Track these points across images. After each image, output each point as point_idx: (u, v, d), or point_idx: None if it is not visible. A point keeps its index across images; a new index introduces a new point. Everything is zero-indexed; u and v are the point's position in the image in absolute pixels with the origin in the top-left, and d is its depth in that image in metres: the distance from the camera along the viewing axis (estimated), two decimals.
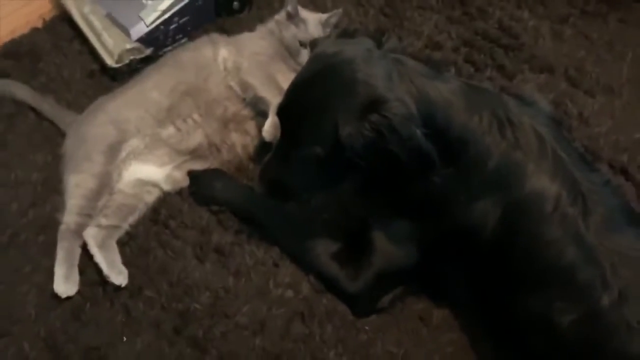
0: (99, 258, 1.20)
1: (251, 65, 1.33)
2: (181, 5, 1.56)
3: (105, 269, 1.19)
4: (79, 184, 1.25)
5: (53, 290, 1.19)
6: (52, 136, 1.43)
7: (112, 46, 1.53)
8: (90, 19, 1.59)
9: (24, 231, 1.29)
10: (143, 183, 1.31)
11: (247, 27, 1.61)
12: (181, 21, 1.58)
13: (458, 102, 0.99)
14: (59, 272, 1.20)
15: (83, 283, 1.21)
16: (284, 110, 1.03)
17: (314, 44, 1.12)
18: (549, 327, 0.94)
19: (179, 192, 1.34)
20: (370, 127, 0.92)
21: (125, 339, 1.16)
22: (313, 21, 1.42)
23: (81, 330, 1.17)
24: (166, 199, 1.33)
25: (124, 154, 1.29)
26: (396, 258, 1.11)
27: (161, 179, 1.32)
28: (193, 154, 1.34)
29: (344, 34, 1.09)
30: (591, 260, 0.92)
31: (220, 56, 1.37)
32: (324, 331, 1.15)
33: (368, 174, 1.00)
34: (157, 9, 1.54)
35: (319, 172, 1.03)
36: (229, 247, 1.26)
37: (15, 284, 1.22)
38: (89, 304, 1.20)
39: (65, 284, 1.19)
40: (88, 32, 1.59)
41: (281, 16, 1.44)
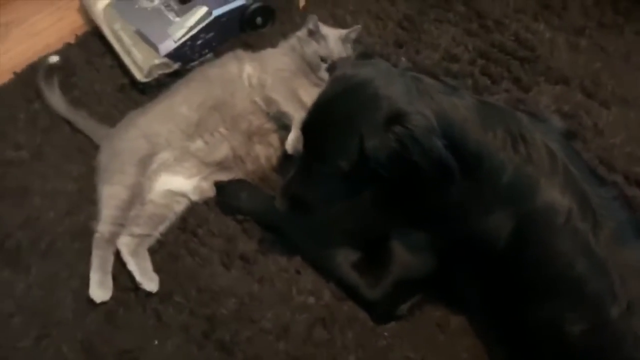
0: (131, 265, 1.26)
1: (275, 82, 1.38)
2: (207, 21, 1.61)
3: (138, 276, 1.25)
4: (112, 195, 1.30)
5: (88, 295, 1.24)
6: (86, 148, 1.49)
7: (141, 61, 1.59)
8: (120, 35, 1.64)
9: (60, 239, 1.35)
10: (172, 194, 1.36)
11: (270, 41, 1.66)
12: (207, 37, 1.64)
13: (474, 118, 1.02)
14: (94, 278, 1.25)
15: (116, 288, 1.26)
16: (307, 128, 1.07)
17: (332, 67, 1.15)
18: (559, 337, 0.97)
19: (206, 202, 1.39)
20: (394, 138, 0.95)
21: (156, 342, 1.21)
22: (333, 37, 1.47)
23: (115, 333, 1.22)
24: (194, 208, 1.38)
25: (154, 166, 1.34)
26: (414, 267, 1.14)
27: (189, 190, 1.38)
28: (219, 165, 1.39)
29: (361, 56, 1.13)
30: (600, 272, 0.95)
31: (245, 72, 1.42)
32: (345, 337, 1.19)
33: (390, 185, 1.03)
34: (184, 25, 1.60)
35: (342, 187, 1.07)
36: (253, 254, 1.30)
37: (53, 289, 1.28)
38: (122, 308, 1.25)
39: (100, 289, 1.24)
40: (118, 47, 1.65)
41: (302, 33, 1.49)
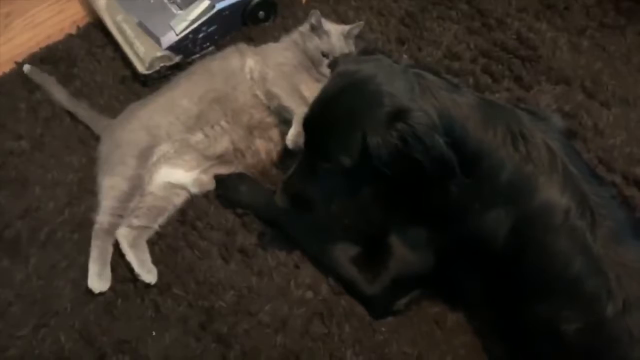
0: (130, 257, 1.27)
1: (276, 76, 1.39)
2: (209, 15, 1.61)
3: (136, 267, 1.26)
4: (112, 186, 1.31)
5: (87, 285, 1.25)
6: (86, 139, 1.50)
7: (143, 53, 1.59)
8: (122, 27, 1.64)
9: (60, 229, 1.36)
10: (172, 186, 1.37)
11: (272, 35, 1.67)
12: (209, 30, 1.64)
13: (475, 116, 1.02)
14: (93, 269, 1.26)
15: (115, 279, 1.27)
16: (309, 124, 1.07)
17: (334, 63, 1.16)
18: (556, 334, 0.98)
19: (206, 195, 1.40)
20: (397, 135, 0.95)
21: (154, 333, 1.22)
22: (335, 32, 1.47)
23: (113, 323, 1.23)
24: (193, 201, 1.39)
25: (155, 158, 1.35)
26: (412, 263, 1.15)
27: (189, 182, 1.38)
28: (219, 158, 1.39)
29: (364, 52, 1.13)
30: (597, 271, 0.96)
31: (247, 66, 1.42)
32: (342, 331, 1.20)
33: (392, 182, 1.03)
34: (186, 18, 1.60)
35: (343, 183, 1.07)
36: (252, 248, 1.31)
37: (52, 278, 1.29)
38: (121, 299, 1.26)
39: (98, 280, 1.25)
40: (120, 39, 1.65)
41: (305, 28, 1.49)
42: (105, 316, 1.24)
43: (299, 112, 1.30)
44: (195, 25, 1.61)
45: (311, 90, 1.37)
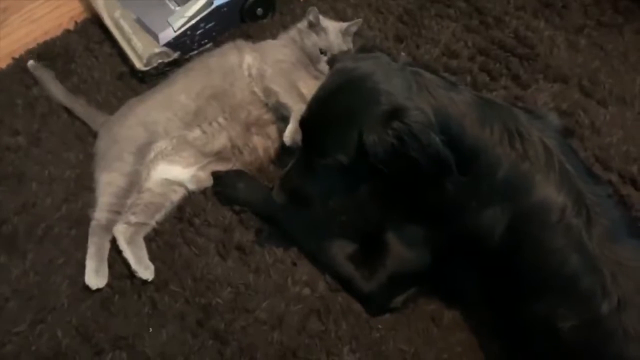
0: (127, 254, 1.27)
1: (274, 73, 1.39)
2: (207, 11, 1.61)
3: (134, 264, 1.26)
4: (110, 182, 1.31)
5: (84, 281, 1.25)
6: (83, 135, 1.50)
7: (141, 50, 1.58)
8: (120, 23, 1.64)
9: (57, 225, 1.36)
10: (170, 182, 1.37)
11: (270, 32, 1.67)
12: (207, 27, 1.63)
13: (471, 114, 1.02)
14: (90, 265, 1.26)
15: (112, 276, 1.27)
16: (306, 121, 1.07)
17: (332, 60, 1.16)
18: (552, 332, 0.98)
19: (203, 192, 1.40)
20: (393, 133, 0.96)
21: (151, 329, 1.22)
22: (334, 30, 1.47)
23: (110, 320, 1.23)
24: (191, 198, 1.39)
25: (152, 155, 1.35)
26: (409, 261, 1.15)
27: (187, 179, 1.38)
28: (217, 155, 1.39)
29: (362, 49, 1.13)
30: (593, 269, 0.96)
31: (245, 62, 1.42)
32: (339, 328, 1.21)
33: (388, 180, 1.03)
34: (184, 15, 1.60)
35: (340, 180, 1.08)
36: (250, 245, 1.31)
37: (49, 275, 1.29)
38: (118, 295, 1.26)
39: (95, 277, 1.25)
40: (118, 35, 1.64)
41: (303, 25, 1.49)
42: (102, 312, 1.24)
43: (296, 109, 1.30)
44: (194, 21, 1.60)
45: (309, 87, 1.37)
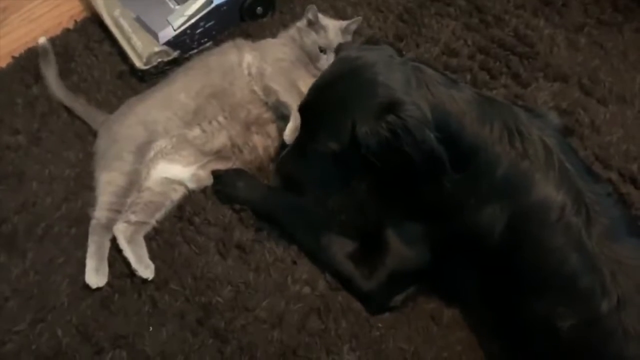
0: (127, 252, 1.27)
1: (274, 71, 1.38)
2: (207, 10, 1.61)
3: (134, 263, 1.26)
4: (109, 182, 1.31)
5: (84, 280, 1.25)
6: (83, 134, 1.49)
7: (140, 49, 1.58)
8: (120, 22, 1.64)
9: (57, 224, 1.36)
10: (170, 181, 1.37)
11: (270, 31, 1.67)
12: (207, 25, 1.63)
13: (471, 112, 1.02)
14: (90, 264, 1.26)
15: (112, 275, 1.27)
16: (305, 107, 1.08)
17: (339, 48, 1.17)
18: (551, 331, 0.98)
19: (203, 191, 1.39)
20: (387, 127, 0.96)
21: (151, 328, 1.22)
22: (333, 28, 1.47)
23: (110, 319, 1.23)
24: (191, 196, 1.38)
25: (152, 154, 1.34)
26: (409, 259, 1.15)
27: (186, 178, 1.38)
28: (217, 154, 1.39)
29: (369, 41, 1.13)
30: (592, 268, 0.96)
31: (244, 61, 1.42)
32: (339, 326, 1.21)
33: (381, 174, 1.03)
34: (184, 13, 1.59)
35: (333, 169, 1.08)
36: (249, 244, 1.31)
37: (49, 274, 1.29)
38: (118, 294, 1.26)
39: (95, 275, 1.25)
40: (118, 34, 1.64)
41: (302, 23, 1.48)
42: (102, 311, 1.24)
43: (296, 107, 1.30)
44: (193, 20, 1.60)
45: (308, 85, 1.36)
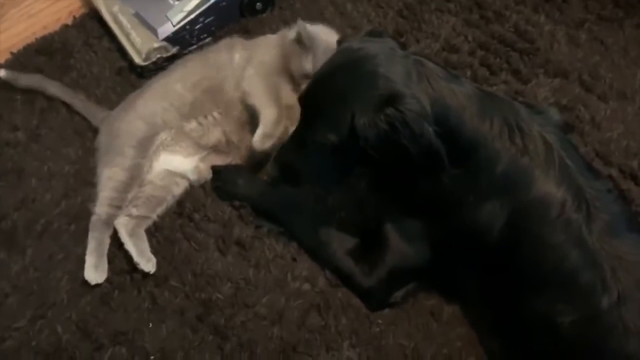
0: (129, 246, 1.26)
1: (254, 73, 1.34)
2: (206, 6, 1.61)
3: (136, 256, 1.25)
4: (110, 177, 1.30)
5: (84, 277, 1.25)
6: (82, 130, 1.49)
7: (140, 44, 1.58)
8: (119, 17, 1.64)
9: (56, 220, 1.36)
10: (171, 174, 1.36)
11: (270, 27, 1.67)
12: (206, 21, 1.63)
13: (471, 107, 1.02)
14: (90, 261, 1.26)
15: (112, 271, 1.27)
16: (305, 98, 1.07)
17: (341, 40, 1.16)
18: (551, 327, 0.98)
19: (203, 187, 1.39)
20: (385, 119, 0.95)
21: (151, 324, 1.22)
22: (321, 46, 1.32)
23: (110, 315, 1.23)
24: (191, 193, 1.38)
25: (154, 147, 1.34)
26: (408, 256, 1.15)
27: (188, 170, 1.37)
28: (213, 148, 1.38)
29: (371, 33, 1.12)
30: (593, 264, 0.96)
31: (234, 61, 1.38)
32: (339, 323, 1.21)
33: (380, 167, 1.03)
34: (183, 9, 1.59)
35: (331, 160, 1.07)
36: (249, 240, 1.31)
37: (48, 270, 1.29)
38: (117, 291, 1.26)
39: (95, 272, 1.25)
40: (117, 30, 1.64)
41: (291, 36, 1.36)
42: (102, 308, 1.24)
43: (266, 112, 1.27)
44: (192, 16, 1.60)
45: (287, 94, 1.34)
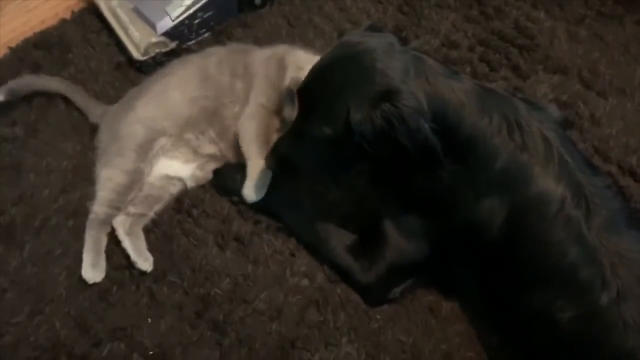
0: (126, 244, 1.26)
1: (250, 116, 1.30)
2: (205, 0, 1.59)
3: (133, 255, 1.25)
4: (110, 178, 1.28)
5: (82, 273, 1.24)
6: (81, 126, 1.48)
7: (138, 39, 1.57)
8: (117, 12, 1.63)
9: (54, 216, 1.35)
10: (170, 177, 1.35)
11: (269, 22, 1.67)
12: (205, 16, 1.62)
13: (470, 103, 1.02)
14: (87, 259, 1.25)
15: (110, 267, 1.26)
16: (303, 90, 1.07)
17: (341, 35, 1.15)
18: (550, 323, 0.98)
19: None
20: (381, 115, 0.95)
21: (149, 320, 1.21)
22: None
23: (108, 311, 1.23)
24: (189, 189, 1.38)
25: (154, 151, 1.32)
26: (407, 252, 1.15)
27: (186, 176, 1.36)
28: (211, 157, 1.37)
29: (371, 28, 1.12)
30: (592, 260, 0.96)
31: (236, 89, 1.34)
32: (338, 319, 1.21)
33: (376, 162, 1.03)
34: (182, 4, 1.58)
35: (327, 153, 1.07)
36: (248, 236, 1.31)
37: (47, 266, 1.28)
38: (116, 286, 1.25)
39: (93, 270, 1.24)
40: (115, 25, 1.63)
41: (285, 84, 1.30)
42: (100, 303, 1.24)
43: (254, 164, 1.26)
44: (191, 11, 1.59)
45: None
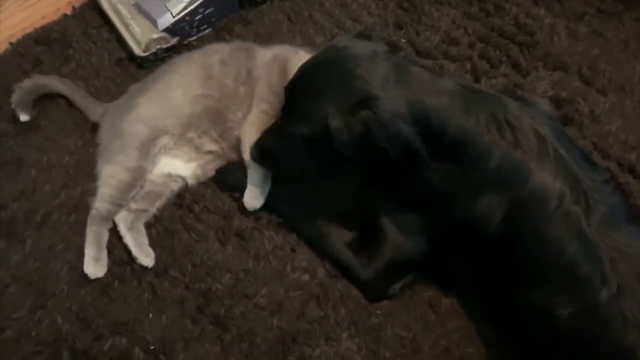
0: (128, 240, 1.26)
1: (252, 124, 1.29)
2: None
3: (134, 250, 1.26)
4: (112, 175, 1.28)
5: (83, 268, 1.25)
6: (82, 122, 1.48)
7: (139, 35, 1.57)
8: (118, 8, 1.63)
9: (56, 211, 1.35)
10: (171, 175, 1.35)
11: (270, 18, 1.67)
12: (206, 12, 1.62)
13: (454, 105, 1.03)
14: (89, 254, 1.25)
15: (112, 262, 1.27)
16: (289, 87, 1.09)
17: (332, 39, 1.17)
18: (550, 319, 0.99)
19: None
20: (360, 121, 0.97)
21: (151, 315, 1.22)
22: None
23: (110, 305, 1.24)
24: (190, 184, 1.38)
25: (156, 149, 1.32)
26: (406, 248, 1.16)
27: (188, 175, 1.36)
28: (213, 154, 1.37)
29: (361, 35, 1.13)
30: (592, 256, 0.96)
31: (240, 94, 1.34)
32: (338, 314, 1.21)
33: (360, 166, 1.05)
34: (183, 0, 1.58)
35: (306, 152, 1.09)
36: (249, 231, 1.31)
37: (48, 261, 1.29)
38: (117, 281, 1.26)
39: (94, 266, 1.25)
40: (116, 20, 1.63)
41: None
42: (101, 298, 1.24)
43: (253, 172, 1.27)
44: (192, 7, 1.59)
45: None
